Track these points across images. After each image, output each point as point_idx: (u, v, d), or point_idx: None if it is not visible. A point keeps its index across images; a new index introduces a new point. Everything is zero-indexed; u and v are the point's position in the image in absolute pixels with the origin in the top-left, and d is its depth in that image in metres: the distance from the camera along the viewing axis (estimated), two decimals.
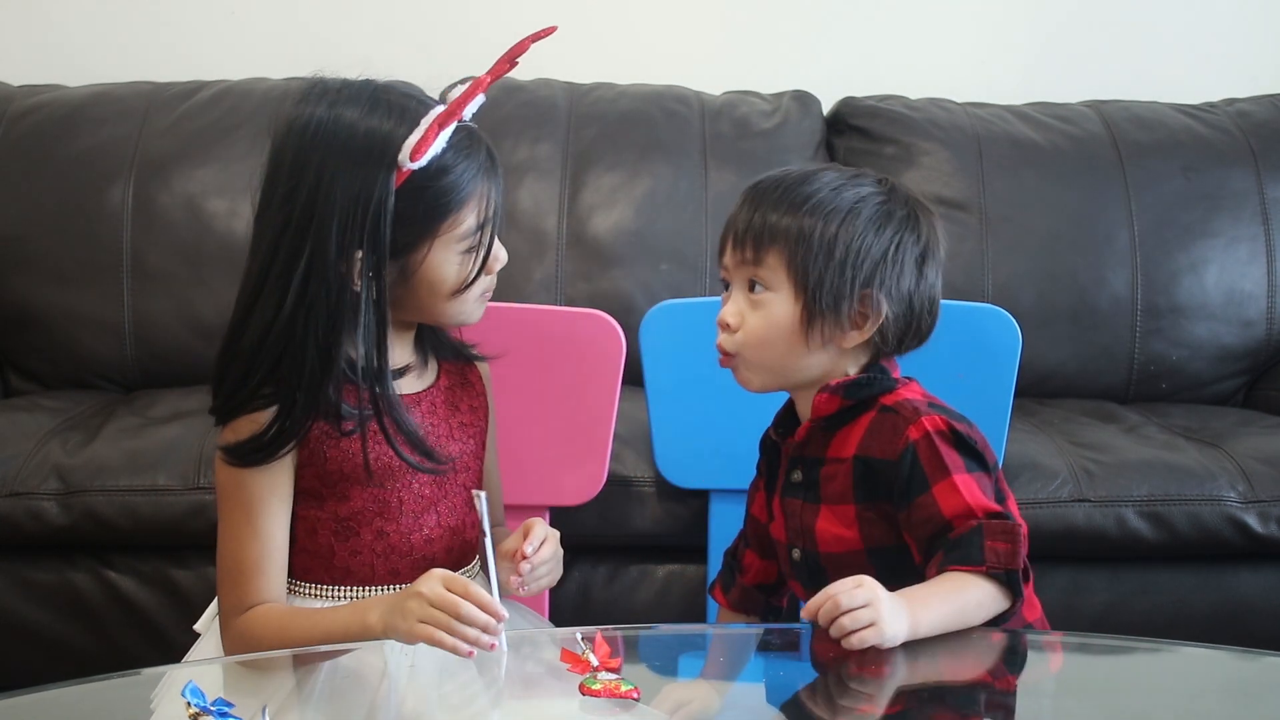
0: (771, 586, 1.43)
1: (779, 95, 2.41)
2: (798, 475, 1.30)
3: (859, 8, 2.56)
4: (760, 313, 1.27)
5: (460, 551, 1.34)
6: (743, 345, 1.27)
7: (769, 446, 1.38)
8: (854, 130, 2.37)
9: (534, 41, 1.26)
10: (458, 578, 1.14)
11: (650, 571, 1.83)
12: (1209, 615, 1.83)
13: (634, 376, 1.59)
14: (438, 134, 1.22)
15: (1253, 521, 1.79)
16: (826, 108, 2.42)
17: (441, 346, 1.38)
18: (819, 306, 1.25)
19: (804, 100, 2.39)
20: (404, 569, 1.30)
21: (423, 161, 1.21)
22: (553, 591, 1.62)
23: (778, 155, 2.28)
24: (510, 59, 1.28)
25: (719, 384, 1.46)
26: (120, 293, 2.14)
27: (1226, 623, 1.82)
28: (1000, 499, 1.25)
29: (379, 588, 1.30)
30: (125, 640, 1.77)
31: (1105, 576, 1.83)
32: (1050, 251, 2.23)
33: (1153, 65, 2.59)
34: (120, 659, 1.73)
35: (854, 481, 1.26)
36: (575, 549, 1.79)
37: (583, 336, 1.54)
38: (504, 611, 1.12)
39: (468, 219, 1.26)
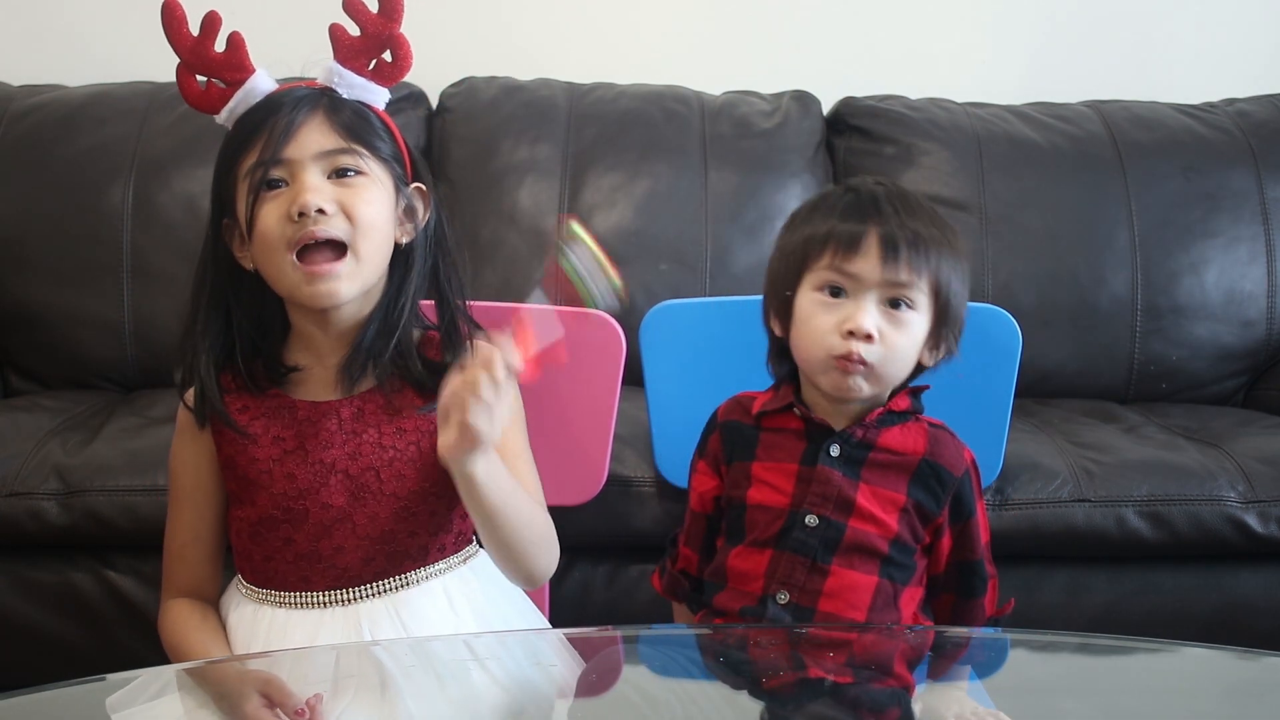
0: (695, 579, 1.44)
1: (779, 95, 2.41)
2: (836, 450, 1.32)
3: (859, 8, 2.56)
4: (903, 330, 1.27)
5: (383, 562, 1.31)
6: (883, 360, 1.27)
7: (733, 426, 1.39)
8: (854, 130, 2.37)
9: None
10: (273, 688, 1.11)
11: (650, 571, 1.82)
12: (1209, 615, 1.82)
13: (634, 376, 1.59)
14: (235, 92, 1.30)
15: (1253, 521, 1.78)
16: (826, 108, 2.42)
17: (411, 367, 1.33)
18: (945, 329, 1.29)
19: (804, 100, 2.39)
20: (314, 577, 1.31)
21: (220, 116, 1.31)
22: (553, 591, 1.62)
23: (778, 155, 2.28)
24: None
25: (719, 384, 1.47)
26: (120, 293, 2.14)
27: (1226, 623, 1.82)
28: None
29: (294, 594, 1.31)
30: (125, 640, 1.77)
31: (1105, 576, 1.83)
32: (1050, 251, 2.23)
33: (1153, 65, 2.59)
34: (120, 659, 1.73)
35: (912, 478, 1.31)
36: (575, 549, 1.80)
37: (583, 336, 1.53)
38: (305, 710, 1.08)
39: (253, 155, 1.27)
